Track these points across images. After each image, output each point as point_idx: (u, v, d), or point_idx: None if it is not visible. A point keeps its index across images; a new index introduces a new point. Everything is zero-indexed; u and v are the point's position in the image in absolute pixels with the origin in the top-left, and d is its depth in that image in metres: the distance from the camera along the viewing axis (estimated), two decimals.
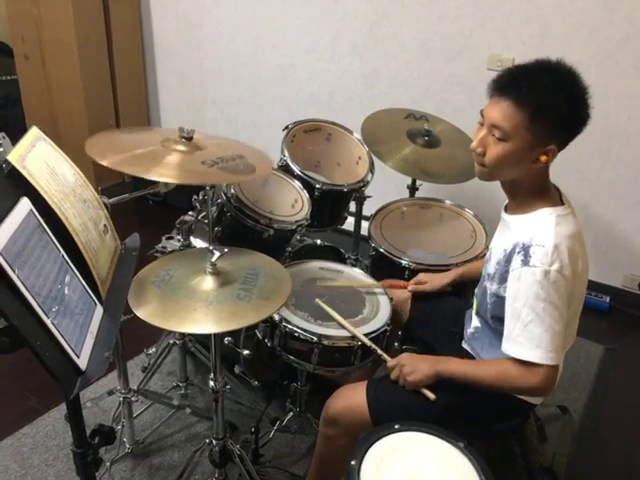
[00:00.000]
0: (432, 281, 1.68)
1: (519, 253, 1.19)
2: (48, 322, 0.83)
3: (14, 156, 0.93)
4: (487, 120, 1.20)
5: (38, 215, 0.91)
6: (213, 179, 1.44)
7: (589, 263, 1.27)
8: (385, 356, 1.44)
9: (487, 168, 1.23)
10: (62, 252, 0.95)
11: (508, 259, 1.23)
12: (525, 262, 1.17)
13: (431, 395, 1.31)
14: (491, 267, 1.32)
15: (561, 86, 1.15)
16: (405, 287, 1.71)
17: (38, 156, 0.99)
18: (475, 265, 1.69)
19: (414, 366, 1.33)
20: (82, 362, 0.88)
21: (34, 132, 1.03)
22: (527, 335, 1.18)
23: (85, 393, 1.93)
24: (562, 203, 1.26)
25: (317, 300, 1.57)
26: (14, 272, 0.79)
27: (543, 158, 1.19)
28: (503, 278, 1.25)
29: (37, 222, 0.90)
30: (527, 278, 1.17)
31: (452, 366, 1.31)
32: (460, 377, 1.29)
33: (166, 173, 1.30)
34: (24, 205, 0.88)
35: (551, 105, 1.14)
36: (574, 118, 1.17)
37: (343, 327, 1.49)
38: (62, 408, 1.94)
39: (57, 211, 0.96)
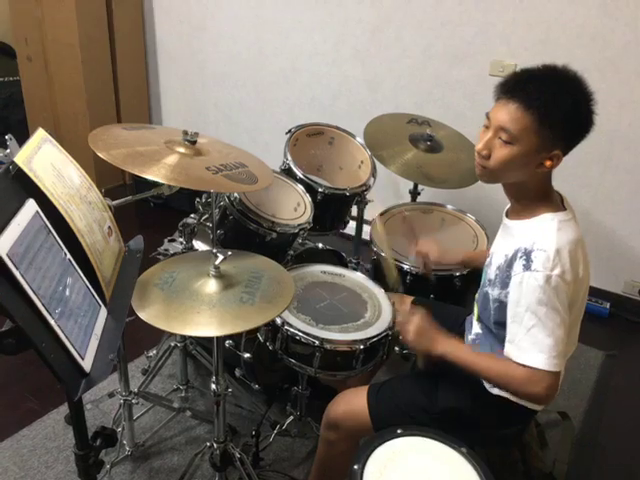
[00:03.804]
0: (442, 256, 1.68)
1: (521, 258, 1.19)
2: (53, 324, 0.83)
3: (21, 158, 0.93)
4: (494, 122, 1.20)
5: (44, 217, 0.91)
6: (220, 187, 1.43)
7: (589, 269, 1.27)
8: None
9: (490, 171, 1.23)
10: (67, 254, 0.95)
11: (510, 264, 1.23)
12: (527, 267, 1.17)
13: (420, 363, 1.32)
14: (492, 272, 1.32)
15: (569, 91, 1.16)
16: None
17: (44, 158, 0.99)
18: (482, 254, 1.69)
19: (424, 333, 1.32)
20: (86, 364, 0.88)
21: (40, 134, 1.03)
22: (530, 340, 1.18)
23: (85, 395, 1.89)
24: (564, 208, 1.26)
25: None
26: (20, 273, 0.79)
27: (548, 163, 1.19)
28: (504, 283, 1.25)
29: (43, 224, 0.91)
30: (529, 283, 1.17)
31: (459, 352, 1.28)
32: (464, 364, 1.26)
33: (172, 176, 1.31)
34: (30, 207, 0.89)
35: (559, 109, 1.14)
36: (580, 123, 1.18)
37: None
38: (61, 410, 1.94)
39: (63, 213, 0.96)
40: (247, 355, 1.68)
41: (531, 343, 1.18)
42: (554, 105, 1.14)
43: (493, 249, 1.40)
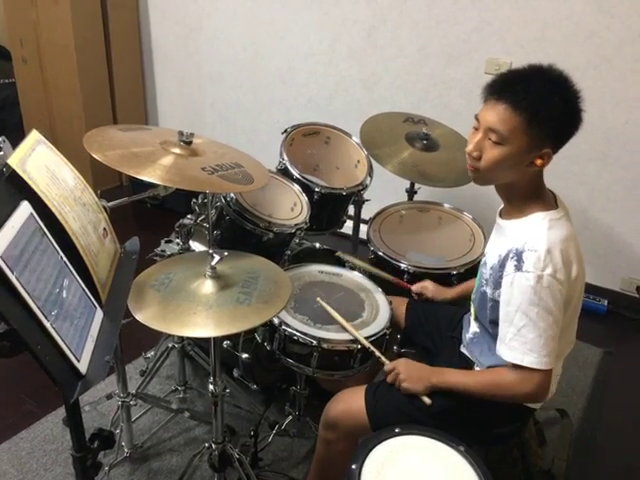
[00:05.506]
0: (435, 292, 1.70)
1: (512, 258, 1.20)
2: (48, 326, 0.83)
3: (14, 160, 0.93)
4: (483, 124, 1.21)
5: (38, 219, 0.91)
6: (215, 187, 1.43)
7: (587, 266, 1.27)
8: (383, 359, 1.44)
9: (482, 172, 1.24)
10: (62, 256, 0.94)
11: (502, 264, 1.24)
12: (518, 267, 1.18)
13: (427, 400, 1.31)
14: (486, 272, 1.33)
15: (555, 90, 1.17)
16: (409, 288, 1.74)
17: (38, 160, 0.99)
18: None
19: (410, 374, 1.34)
20: (82, 366, 0.88)
21: (34, 136, 1.03)
22: (520, 340, 1.19)
23: (83, 397, 1.92)
24: (556, 206, 1.26)
25: (318, 299, 1.57)
26: (14, 276, 0.79)
27: (538, 162, 1.20)
28: (497, 283, 1.25)
29: (37, 226, 0.90)
30: (520, 283, 1.17)
31: (449, 378, 1.31)
32: (457, 388, 1.29)
33: (167, 177, 1.30)
34: (24, 209, 0.88)
35: (547, 109, 1.15)
36: (569, 121, 1.19)
37: (343, 328, 1.50)
38: (60, 412, 1.93)
39: (57, 214, 0.96)
40: (245, 355, 1.68)
41: (521, 343, 1.18)
42: (542, 104, 1.15)
43: (487, 248, 1.40)
